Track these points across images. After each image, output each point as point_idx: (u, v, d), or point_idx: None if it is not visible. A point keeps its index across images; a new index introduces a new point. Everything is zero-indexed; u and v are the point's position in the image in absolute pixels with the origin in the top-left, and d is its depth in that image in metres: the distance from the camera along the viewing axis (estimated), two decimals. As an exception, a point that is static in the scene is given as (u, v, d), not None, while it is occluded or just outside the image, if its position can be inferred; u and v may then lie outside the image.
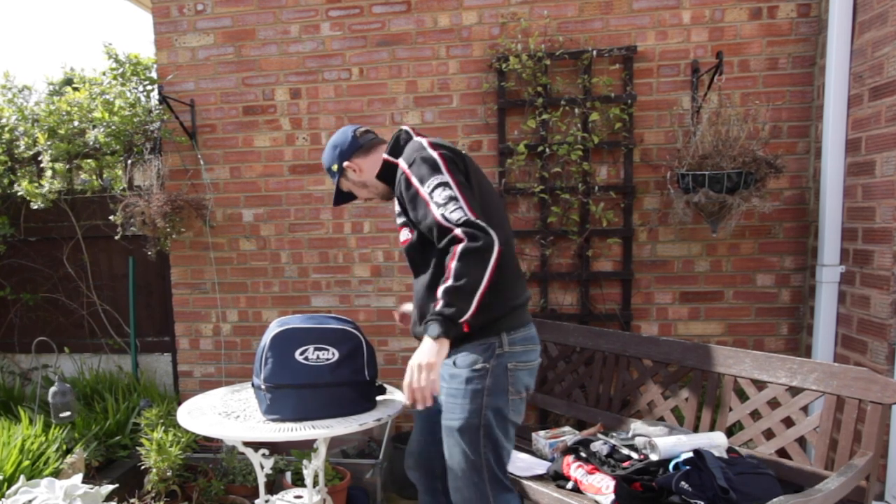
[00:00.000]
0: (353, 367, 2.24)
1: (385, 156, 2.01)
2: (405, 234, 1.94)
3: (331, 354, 2.21)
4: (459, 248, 1.70)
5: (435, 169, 1.81)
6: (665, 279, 3.27)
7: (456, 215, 1.73)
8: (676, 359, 2.61)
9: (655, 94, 3.19)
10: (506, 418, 1.92)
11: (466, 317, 1.72)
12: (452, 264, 1.70)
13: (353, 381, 2.22)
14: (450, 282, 1.70)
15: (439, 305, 1.71)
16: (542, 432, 2.70)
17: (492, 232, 1.71)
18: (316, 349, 2.20)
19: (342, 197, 2.21)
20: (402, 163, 1.90)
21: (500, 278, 1.85)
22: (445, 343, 1.74)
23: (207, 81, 3.57)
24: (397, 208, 1.96)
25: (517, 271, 2.01)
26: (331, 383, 2.19)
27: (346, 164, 2.10)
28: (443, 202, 1.75)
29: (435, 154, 1.84)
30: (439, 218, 1.75)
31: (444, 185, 1.78)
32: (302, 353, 2.19)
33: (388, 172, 2.02)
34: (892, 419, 2.50)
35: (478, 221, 1.72)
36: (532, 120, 3.21)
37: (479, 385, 1.88)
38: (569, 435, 2.67)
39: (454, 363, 1.92)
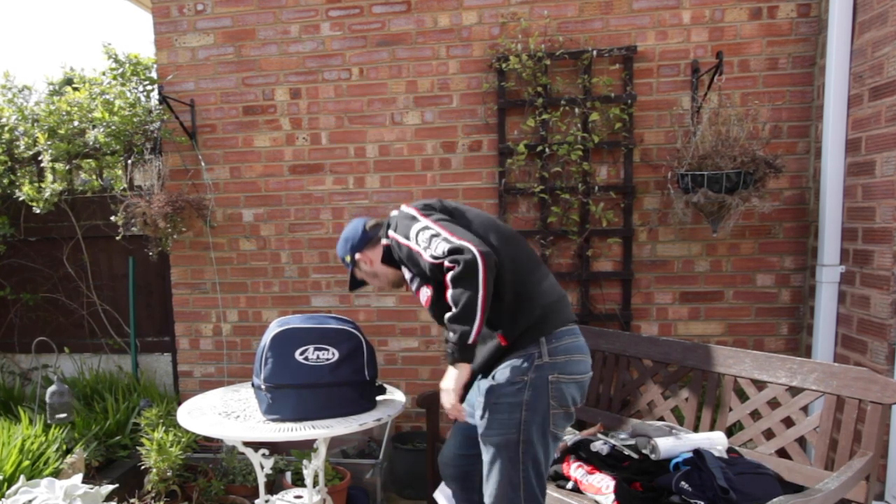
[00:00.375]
0: (353, 366, 2.24)
1: (383, 241, 2.08)
2: (424, 294, 1.98)
3: (331, 354, 2.21)
4: (448, 276, 1.78)
5: (412, 220, 1.92)
6: (665, 279, 3.27)
7: (440, 249, 1.80)
8: (676, 359, 2.61)
9: (655, 94, 3.19)
10: (546, 433, 1.86)
11: (474, 334, 1.77)
12: (448, 294, 1.79)
13: (353, 381, 2.22)
14: (452, 310, 1.78)
15: (449, 335, 1.81)
16: None
17: (470, 247, 1.75)
18: (316, 349, 2.21)
19: (356, 283, 2.30)
20: (391, 233, 2.00)
21: (528, 289, 1.89)
22: (464, 367, 1.83)
23: (207, 81, 3.57)
24: (408, 275, 2.04)
25: (538, 272, 1.97)
26: (331, 383, 2.20)
27: (357, 256, 2.19)
28: (426, 244, 1.84)
29: (410, 209, 1.97)
30: (429, 259, 1.83)
31: (424, 228, 1.87)
32: (302, 353, 2.19)
33: (388, 255, 2.09)
34: (892, 419, 2.50)
35: (458, 243, 1.77)
36: (532, 120, 3.21)
37: (517, 399, 1.83)
38: (568, 435, 2.67)
39: (493, 377, 1.89)
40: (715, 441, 2.24)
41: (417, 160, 3.42)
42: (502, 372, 1.87)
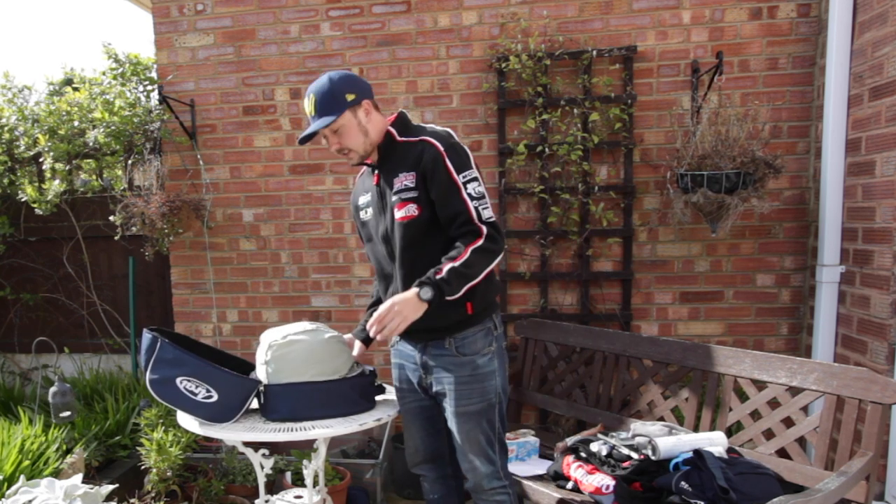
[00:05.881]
0: (352, 366, 2.24)
1: (391, 129, 2.02)
2: (410, 210, 1.94)
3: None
4: (480, 242, 1.87)
5: (468, 161, 1.94)
6: (665, 279, 3.27)
7: (486, 213, 1.91)
8: (676, 359, 2.61)
9: (655, 94, 3.19)
10: (506, 391, 2.11)
11: (451, 298, 1.86)
12: (468, 251, 1.85)
13: (353, 381, 2.21)
14: (458, 263, 1.84)
15: (440, 275, 1.83)
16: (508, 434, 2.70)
17: (504, 238, 1.95)
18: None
19: (309, 136, 1.99)
20: (434, 141, 1.93)
21: (493, 270, 2.02)
22: (426, 307, 1.84)
23: (207, 81, 3.57)
24: (403, 183, 1.94)
25: None
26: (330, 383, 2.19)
27: (365, 101, 1.98)
28: (477, 196, 1.91)
29: (466, 148, 1.97)
30: (472, 210, 1.89)
31: (476, 180, 1.93)
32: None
33: (389, 146, 2.02)
34: (892, 419, 2.50)
35: (498, 225, 1.93)
36: (532, 120, 3.21)
37: (491, 367, 2.04)
38: (569, 435, 2.67)
39: (457, 350, 2.01)
40: (715, 441, 2.24)
41: (417, 160, 3.42)
42: (469, 346, 2.01)
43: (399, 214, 1.96)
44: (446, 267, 1.83)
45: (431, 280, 1.83)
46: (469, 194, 1.89)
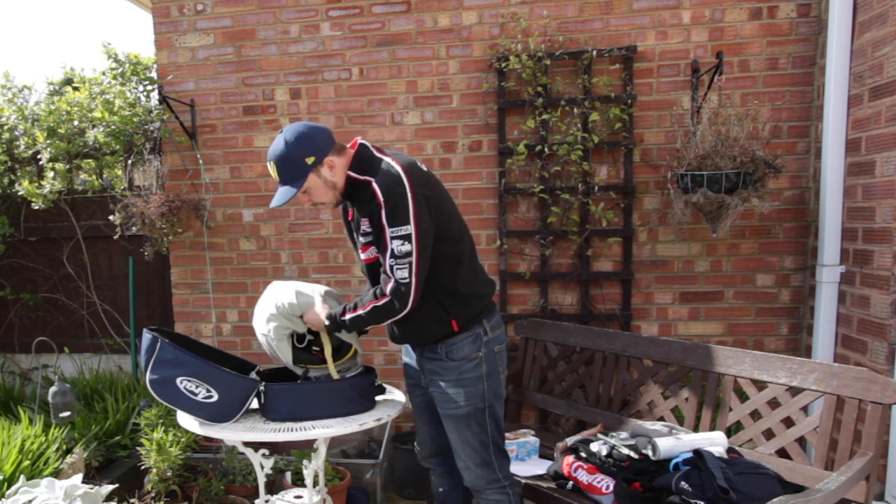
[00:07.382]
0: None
1: (350, 172, 1.98)
2: (371, 253, 2.01)
3: (331, 354, 2.21)
4: (380, 303, 1.95)
5: (404, 217, 1.86)
6: (665, 279, 3.27)
7: (400, 273, 1.89)
8: (676, 359, 2.61)
9: (655, 94, 3.19)
10: (501, 396, 2.14)
11: (350, 340, 2.17)
12: (369, 307, 1.98)
13: (354, 381, 2.22)
14: (361, 314, 2.00)
15: (344, 318, 2.04)
16: (507, 434, 2.70)
17: (410, 302, 1.92)
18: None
19: (284, 196, 2.01)
20: (377, 190, 1.88)
21: (475, 279, 2.10)
22: (325, 335, 2.17)
23: (207, 81, 3.57)
24: (362, 228, 2.00)
25: (480, 266, 2.19)
26: (330, 382, 2.19)
27: (326, 158, 1.96)
28: (399, 255, 1.88)
29: (410, 198, 1.87)
30: (388, 266, 1.91)
31: (407, 238, 1.87)
32: (302, 353, 2.19)
33: (352, 187, 2.00)
34: (892, 419, 2.50)
35: (410, 287, 1.90)
36: (532, 120, 3.21)
37: (478, 372, 2.05)
38: (569, 435, 2.67)
39: (446, 355, 2.06)
40: (715, 441, 2.24)
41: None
42: (457, 352, 2.05)
43: (364, 256, 2.06)
44: (349, 316, 2.02)
45: (336, 318, 2.05)
46: (392, 251, 1.88)
